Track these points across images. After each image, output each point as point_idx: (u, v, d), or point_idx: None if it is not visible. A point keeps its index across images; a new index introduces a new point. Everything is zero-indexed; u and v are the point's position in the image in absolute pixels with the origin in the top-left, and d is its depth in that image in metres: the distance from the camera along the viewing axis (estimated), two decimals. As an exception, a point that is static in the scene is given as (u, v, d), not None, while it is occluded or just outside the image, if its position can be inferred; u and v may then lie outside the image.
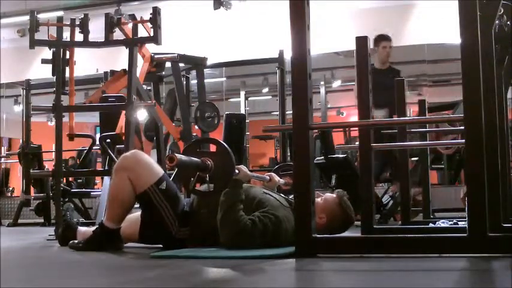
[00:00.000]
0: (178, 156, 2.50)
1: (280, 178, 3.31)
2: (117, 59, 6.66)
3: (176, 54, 5.08)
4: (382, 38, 5.79)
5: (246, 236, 2.61)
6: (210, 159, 2.67)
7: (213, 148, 2.85)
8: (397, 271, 2.03)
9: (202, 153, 2.71)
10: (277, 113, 6.19)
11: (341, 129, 8.91)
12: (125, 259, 2.65)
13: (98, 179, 8.49)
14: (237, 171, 2.73)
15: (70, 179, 7.30)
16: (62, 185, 5.34)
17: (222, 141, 2.75)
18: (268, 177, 3.20)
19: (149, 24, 4.10)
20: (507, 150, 2.93)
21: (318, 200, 2.79)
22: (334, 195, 2.89)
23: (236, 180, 2.73)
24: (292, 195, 2.65)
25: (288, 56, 5.84)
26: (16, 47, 9.14)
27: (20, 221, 6.57)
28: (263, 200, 2.78)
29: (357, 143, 3.68)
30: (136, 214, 2.99)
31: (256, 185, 3.15)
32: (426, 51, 8.10)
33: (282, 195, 2.99)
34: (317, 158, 5.91)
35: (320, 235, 2.60)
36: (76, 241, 2.98)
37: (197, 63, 5.70)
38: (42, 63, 4.43)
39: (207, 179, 2.71)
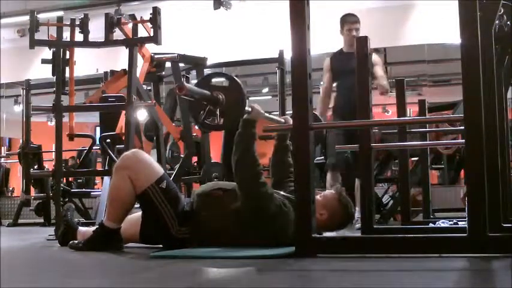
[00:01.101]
0: (188, 86, 2.46)
1: None
2: (117, 59, 6.67)
3: (176, 54, 5.07)
4: (345, 20, 5.33)
5: (259, 183, 2.66)
6: (222, 94, 2.62)
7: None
8: (397, 271, 2.03)
9: (214, 87, 2.65)
10: (277, 113, 6.19)
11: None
12: (124, 259, 2.65)
13: (98, 179, 8.49)
14: (249, 109, 2.69)
15: (70, 179, 7.31)
16: (62, 185, 5.34)
17: (234, 77, 2.70)
18: (283, 120, 3.14)
19: (149, 24, 4.09)
20: (507, 150, 2.93)
21: (317, 197, 2.79)
22: (333, 191, 2.90)
23: (249, 120, 2.72)
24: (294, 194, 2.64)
25: (288, 56, 5.83)
26: (16, 47, 9.14)
27: (20, 221, 6.57)
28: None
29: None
30: (136, 214, 2.99)
31: None
32: (426, 51, 8.11)
33: (285, 194, 2.99)
34: (317, 158, 5.91)
35: (321, 232, 2.61)
36: (76, 241, 2.98)
37: (197, 63, 5.70)
38: (42, 63, 4.44)
39: (218, 113, 2.66)
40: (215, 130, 2.74)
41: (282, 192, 2.95)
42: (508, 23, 2.80)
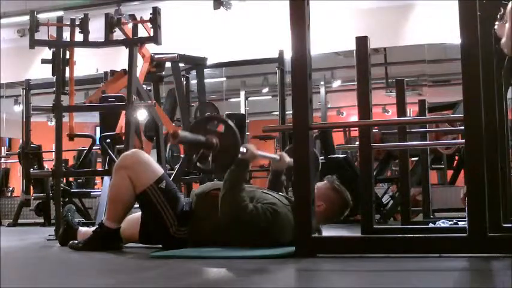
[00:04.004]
0: (182, 132, 2.48)
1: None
2: (117, 59, 6.66)
3: (176, 54, 5.07)
4: None
5: (245, 215, 2.64)
6: (216, 138, 2.64)
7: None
8: (397, 271, 2.03)
9: (209, 131, 2.68)
10: (277, 113, 6.19)
11: (341, 129, 8.91)
12: (124, 259, 2.65)
13: (98, 179, 8.49)
14: (244, 150, 2.70)
15: (70, 179, 7.30)
16: (62, 185, 5.34)
17: (229, 120, 2.72)
18: (278, 157, 3.13)
19: (149, 24, 4.09)
20: (507, 150, 2.93)
21: None
22: (325, 181, 2.90)
23: (242, 160, 2.72)
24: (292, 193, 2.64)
25: (288, 56, 5.83)
26: (16, 47, 9.13)
27: (20, 221, 6.57)
28: (262, 198, 2.78)
29: (357, 143, 3.68)
30: (136, 214, 2.99)
31: (256, 186, 3.14)
32: (426, 51, 8.10)
33: (281, 193, 2.99)
34: (317, 158, 5.91)
35: (322, 224, 2.60)
36: (76, 241, 2.99)
37: (197, 63, 5.70)
38: (42, 63, 4.44)
39: (210, 157, 2.68)
40: (207, 174, 2.78)
41: (280, 193, 2.95)
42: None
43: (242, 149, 2.67)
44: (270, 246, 2.59)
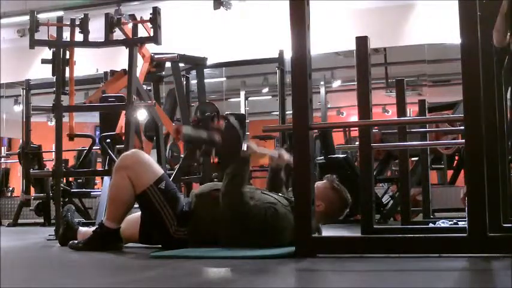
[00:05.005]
0: (185, 127, 2.48)
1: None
2: (117, 59, 6.66)
3: (176, 54, 5.07)
4: None
5: (245, 208, 2.65)
6: (218, 134, 2.65)
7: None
8: (397, 271, 2.03)
9: (211, 128, 2.69)
10: (277, 113, 6.19)
11: (341, 129, 8.92)
12: (124, 259, 2.65)
13: (98, 179, 8.49)
14: (245, 147, 2.72)
15: (70, 179, 7.31)
16: (62, 185, 5.34)
17: (231, 118, 2.73)
18: (277, 153, 3.12)
19: (149, 24, 4.10)
20: (507, 150, 2.93)
21: None
22: (324, 181, 2.90)
23: (244, 157, 2.74)
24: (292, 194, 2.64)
25: (288, 56, 5.83)
26: (16, 47, 9.13)
27: (20, 221, 6.57)
28: (262, 198, 2.78)
29: (357, 143, 3.68)
30: (136, 214, 2.99)
31: (255, 187, 3.14)
32: (426, 51, 8.10)
33: (281, 194, 2.99)
34: (317, 158, 5.92)
35: (322, 223, 2.59)
36: (76, 241, 2.99)
37: (197, 63, 5.70)
38: (42, 63, 4.44)
39: (213, 153, 2.70)
40: (210, 169, 2.81)
41: (280, 194, 2.95)
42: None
43: (242, 147, 2.68)
44: (270, 246, 2.59)
